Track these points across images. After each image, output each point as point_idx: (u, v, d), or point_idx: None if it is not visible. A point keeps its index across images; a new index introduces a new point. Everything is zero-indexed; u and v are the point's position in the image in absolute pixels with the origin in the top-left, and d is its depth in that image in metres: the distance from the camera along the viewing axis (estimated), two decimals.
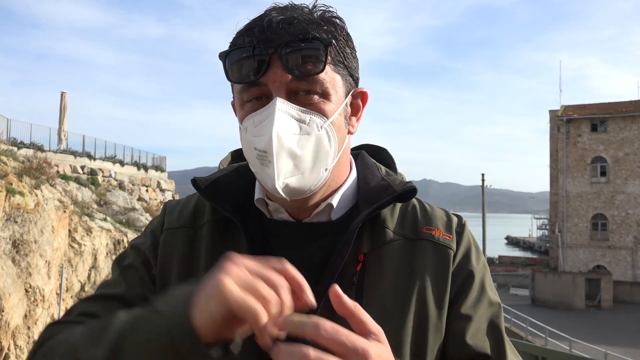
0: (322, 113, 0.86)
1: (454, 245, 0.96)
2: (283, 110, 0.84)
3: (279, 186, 0.83)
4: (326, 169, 0.89)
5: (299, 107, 0.85)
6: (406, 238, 0.95)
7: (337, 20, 0.90)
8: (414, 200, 1.01)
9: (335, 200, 0.94)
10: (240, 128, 0.90)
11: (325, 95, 0.87)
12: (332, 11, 0.90)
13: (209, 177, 1.00)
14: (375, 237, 0.93)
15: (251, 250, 0.89)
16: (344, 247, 0.89)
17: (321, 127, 0.86)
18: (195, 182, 0.98)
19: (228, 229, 0.96)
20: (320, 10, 0.89)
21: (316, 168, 0.87)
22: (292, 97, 0.86)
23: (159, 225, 1.02)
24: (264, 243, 0.93)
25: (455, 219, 1.01)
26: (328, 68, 0.86)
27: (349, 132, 0.95)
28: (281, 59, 0.83)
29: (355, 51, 0.94)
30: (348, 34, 0.92)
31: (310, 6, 0.89)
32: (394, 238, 0.94)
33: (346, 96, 0.91)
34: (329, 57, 0.86)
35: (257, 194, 0.96)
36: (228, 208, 0.94)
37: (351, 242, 0.89)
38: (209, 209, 1.00)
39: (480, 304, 0.94)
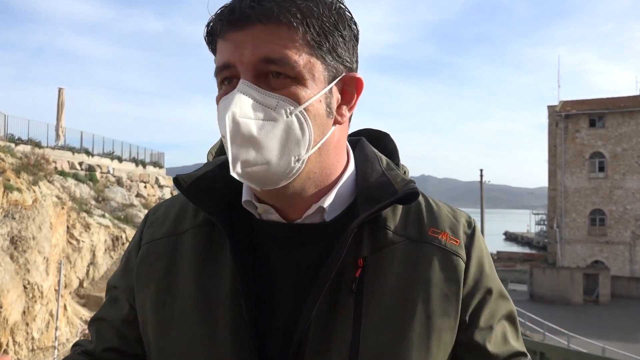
0: (294, 98, 0.79)
1: (462, 253, 0.89)
2: (245, 92, 0.78)
3: (236, 173, 0.77)
4: (298, 160, 0.81)
5: (265, 90, 0.78)
6: (409, 239, 0.88)
7: (327, 0, 0.82)
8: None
9: (327, 202, 0.87)
10: None
11: (298, 80, 0.79)
12: None
13: (193, 173, 0.93)
14: (375, 238, 0.86)
15: (236, 255, 0.85)
16: (340, 250, 0.82)
17: (291, 114, 0.79)
18: (177, 180, 0.91)
19: (214, 233, 0.90)
20: None
21: (284, 158, 0.79)
22: (262, 79, 0.79)
23: (135, 244, 0.98)
24: (251, 247, 0.88)
25: (463, 221, 0.94)
26: (302, 51, 0.79)
27: (337, 122, 0.86)
28: (249, 40, 0.79)
29: (351, 34, 0.86)
30: (340, 14, 0.83)
31: None
32: (395, 239, 0.87)
33: (330, 82, 0.83)
34: (303, 39, 0.80)
35: (245, 195, 0.89)
36: (211, 208, 0.88)
37: (346, 245, 0.82)
38: (193, 210, 0.94)
39: (498, 311, 0.91)
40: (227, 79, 0.82)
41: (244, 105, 0.77)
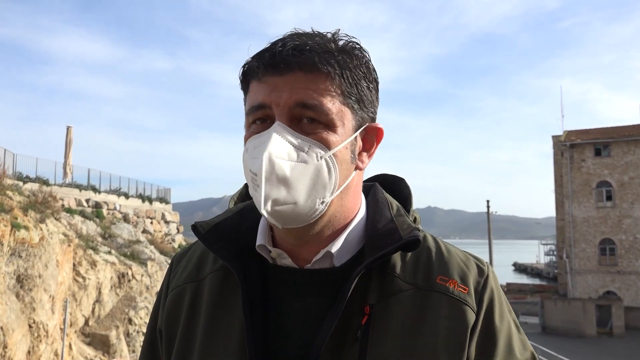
0: (324, 143, 0.82)
1: (471, 301, 0.87)
2: (281, 134, 0.81)
3: (265, 211, 0.79)
4: (323, 202, 0.84)
5: (299, 134, 0.82)
6: (417, 287, 0.87)
7: (357, 52, 0.87)
8: (429, 240, 0.94)
9: (335, 247, 0.87)
10: (243, 150, 0.87)
11: (330, 126, 0.83)
12: (355, 42, 0.87)
13: (211, 221, 0.96)
14: (383, 286, 0.86)
15: (249, 299, 0.87)
16: (343, 297, 0.82)
17: (321, 158, 0.82)
18: (195, 228, 0.94)
19: (229, 277, 0.93)
20: (342, 40, 0.86)
21: (311, 199, 0.82)
22: (295, 123, 0.83)
23: (164, 289, 1.03)
24: (263, 292, 0.89)
25: (474, 267, 0.92)
26: (336, 99, 0.83)
27: (358, 168, 0.90)
28: (286, 84, 0.82)
29: (376, 85, 0.90)
30: (368, 68, 0.88)
31: (332, 34, 0.86)
32: (403, 287, 0.86)
33: (356, 130, 0.87)
34: (339, 89, 0.83)
35: (259, 240, 0.92)
36: (227, 255, 0.90)
37: (349, 292, 0.82)
38: (212, 256, 0.97)
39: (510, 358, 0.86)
40: (259, 119, 0.85)
41: (279, 146, 0.80)
